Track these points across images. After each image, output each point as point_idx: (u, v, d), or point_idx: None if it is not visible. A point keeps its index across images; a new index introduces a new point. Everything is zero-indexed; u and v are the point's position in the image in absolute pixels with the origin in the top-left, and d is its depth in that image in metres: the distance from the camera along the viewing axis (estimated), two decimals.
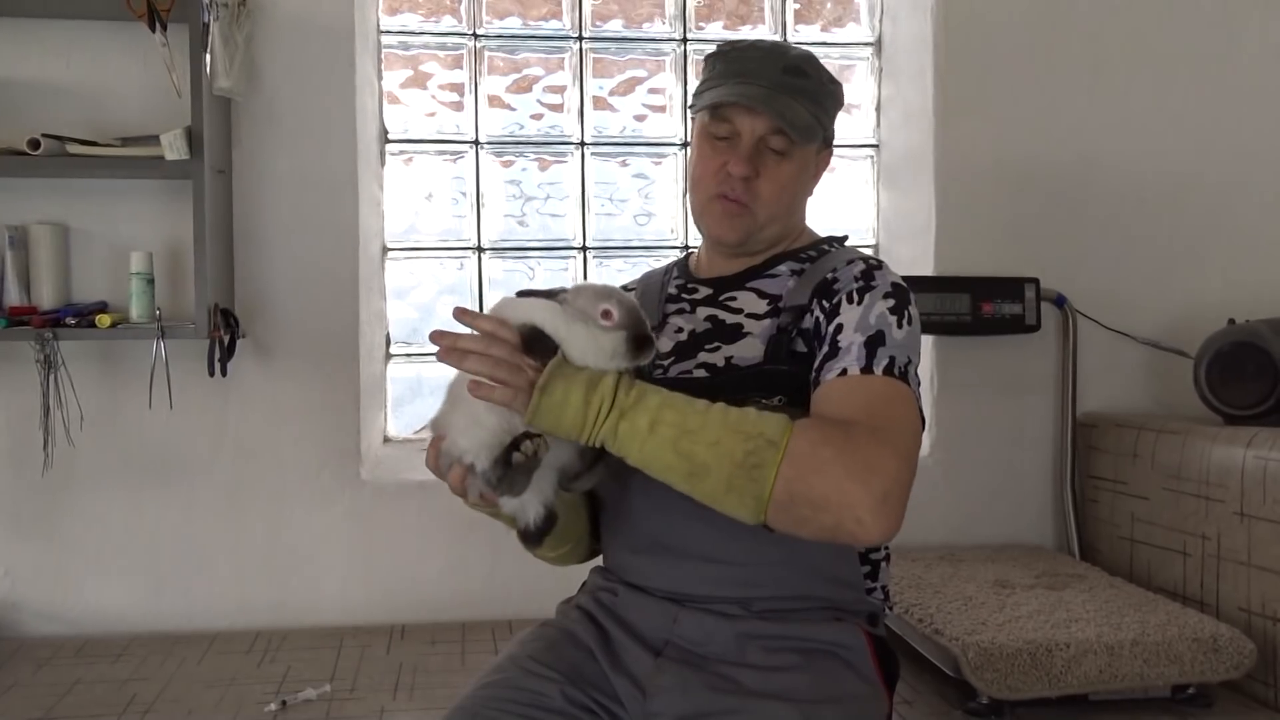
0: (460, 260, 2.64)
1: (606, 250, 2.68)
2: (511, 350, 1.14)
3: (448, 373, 1.23)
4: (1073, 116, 2.54)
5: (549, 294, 1.18)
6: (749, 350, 1.33)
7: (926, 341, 2.51)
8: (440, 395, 1.28)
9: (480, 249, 2.63)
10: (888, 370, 1.21)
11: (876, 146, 2.74)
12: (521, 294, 1.21)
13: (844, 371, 1.21)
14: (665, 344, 1.41)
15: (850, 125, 2.75)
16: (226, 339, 2.19)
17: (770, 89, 1.33)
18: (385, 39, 2.56)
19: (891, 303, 1.27)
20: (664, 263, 1.57)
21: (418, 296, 2.64)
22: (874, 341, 1.23)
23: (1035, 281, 2.46)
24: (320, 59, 2.33)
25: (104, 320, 2.12)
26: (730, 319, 1.37)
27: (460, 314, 1.19)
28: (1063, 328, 2.53)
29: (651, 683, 1.28)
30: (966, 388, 2.53)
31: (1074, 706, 1.79)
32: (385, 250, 2.58)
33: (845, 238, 1.48)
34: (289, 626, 2.31)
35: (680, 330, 1.41)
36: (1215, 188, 2.57)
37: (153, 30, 2.09)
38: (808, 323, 1.30)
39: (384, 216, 2.57)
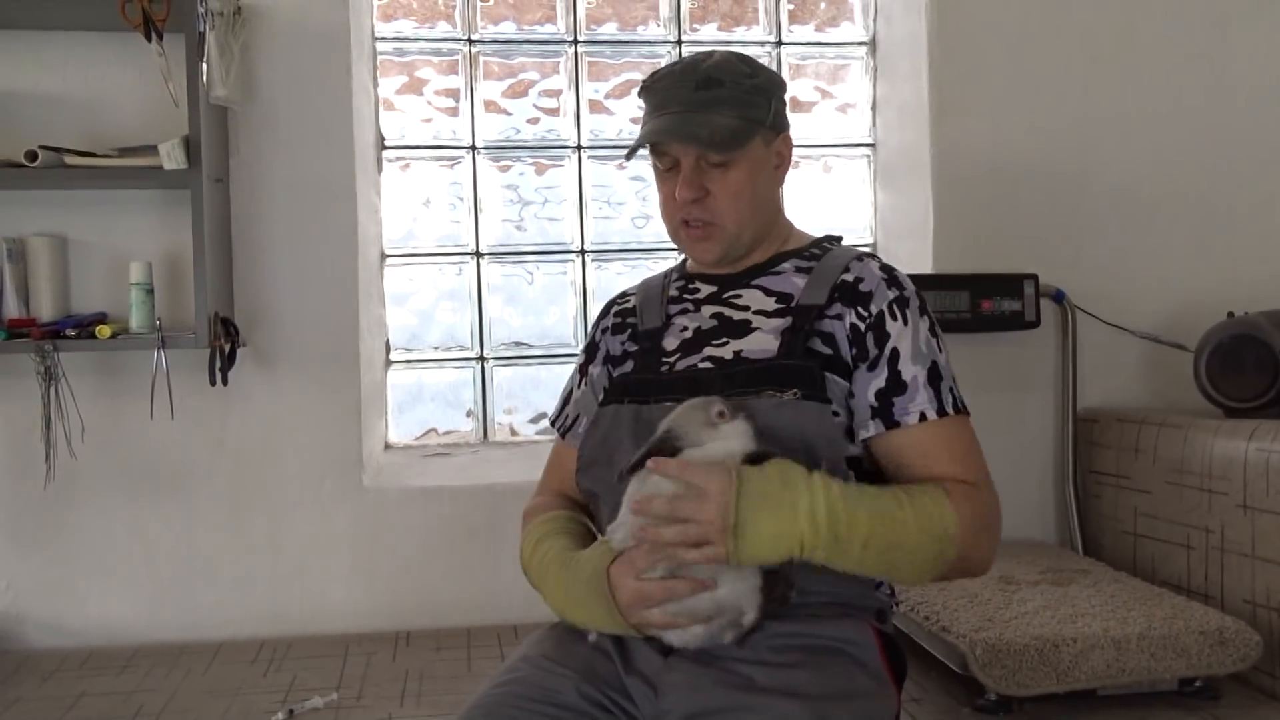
0: (459, 265, 2.64)
1: (605, 253, 2.68)
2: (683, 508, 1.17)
3: (444, 380, 1.23)
4: (1068, 112, 2.54)
5: (662, 444, 1.22)
6: (758, 344, 1.35)
7: None
8: (438, 401, 1.30)
9: (479, 254, 2.63)
10: (956, 406, 1.31)
11: (873, 146, 2.75)
12: (635, 467, 1.22)
13: (923, 416, 1.29)
14: (671, 342, 1.42)
15: (846, 125, 2.75)
16: (227, 348, 2.19)
17: (685, 111, 1.35)
18: (380, 45, 2.56)
19: (927, 321, 1.35)
20: (663, 265, 1.58)
21: (417, 303, 2.64)
22: (934, 376, 1.32)
23: (1034, 278, 2.46)
24: (316, 66, 2.33)
25: (104, 331, 2.12)
26: (737, 315, 1.39)
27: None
28: (1062, 323, 2.53)
29: (662, 680, 1.28)
30: (966, 385, 2.44)
31: (1082, 702, 1.80)
32: (384, 257, 2.58)
33: (840, 238, 1.49)
34: (293, 635, 2.30)
35: (685, 329, 1.42)
36: (1212, 181, 2.58)
37: (149, 40, 2.09)
38: (829, 326, 1.33)
39: (382, 223, 2.57)
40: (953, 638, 1.81)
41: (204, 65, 2.11)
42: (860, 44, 2.73)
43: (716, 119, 1.34)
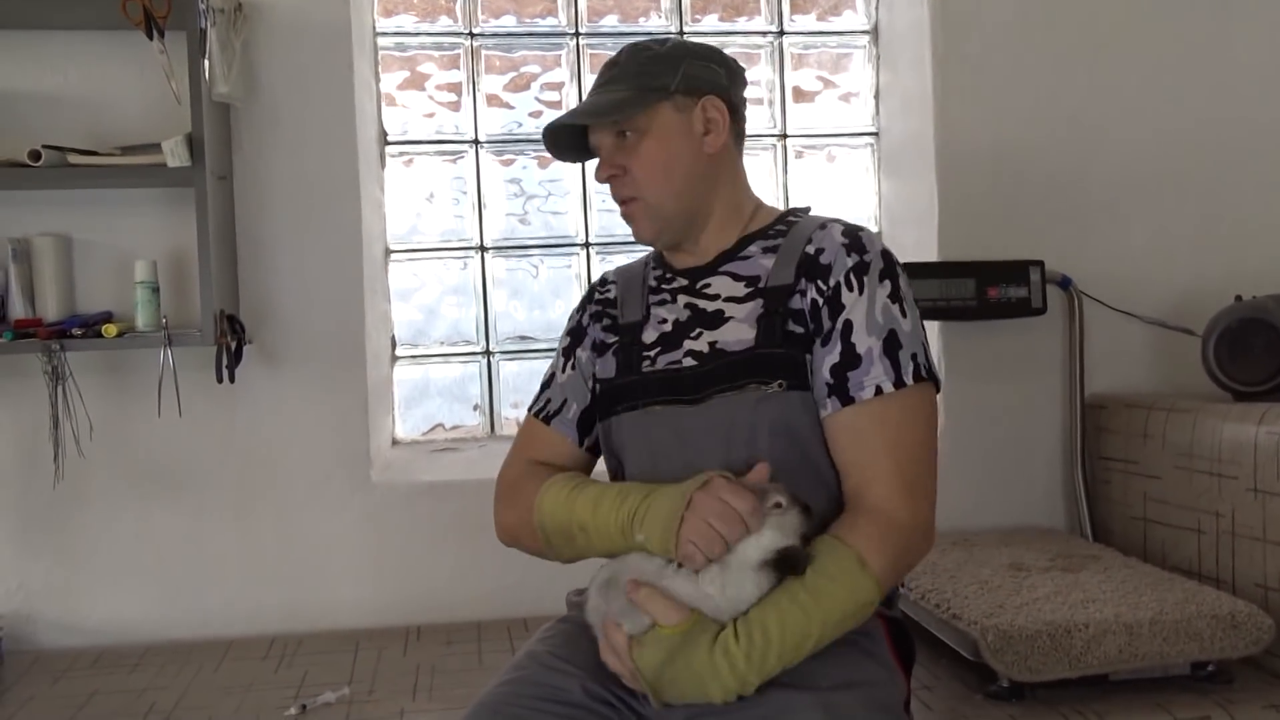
0: (463, 260, 2.63)
1: (609, 246, 2.67)
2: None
3: (450, 375, 1.25)
4: (1073, 98, 2.53)
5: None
6: (734, 334, 1.33)
7: (933, 328, 2.51)
8: (445, 396, 1.30)
9: (483, 248, 2.63)
10: (915, 374, 1.27)
11: (876, 134, 2.74)
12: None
13: (879, 389, 1.25)
14: (650, 335, 1.41)
15: (849, 114, 2.75)
16: (233, 345, 2.19)
17: (584, 100, 1.39)
18: (381, 41, 2.55)
19: (889, 286, 1.30)
20: None
21: (421, 298, 2.63)
22: (891, 345, 1.27)
23: (1040, 264, 2.45)
24: (318, 62, 2.32)
25: (110, 330, 2.12)
26: (710, 306, 1.37)
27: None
28: (1068, 310, 2.53)
29: None
30: (974, 372, 2.53)
31: (1094, 687, 1.79)
32: (388, 252, 2.58)
33: (808, 209, 1.46)
34: (304, 631, 2.30)
35: (664, 321, 1.40)
36: (1217, 165, 2.57)
37: (150, 38, 2.08)
38: (797, 303, 1.31)
39: (386, 218, 2.57)
40: (964, 625, 1.81)
41: (206, 62, 2.11)
42: (862, 32, 2.72)
43: (605, 97, 1.35)
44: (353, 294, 2.36)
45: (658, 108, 1.34)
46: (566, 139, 1.42)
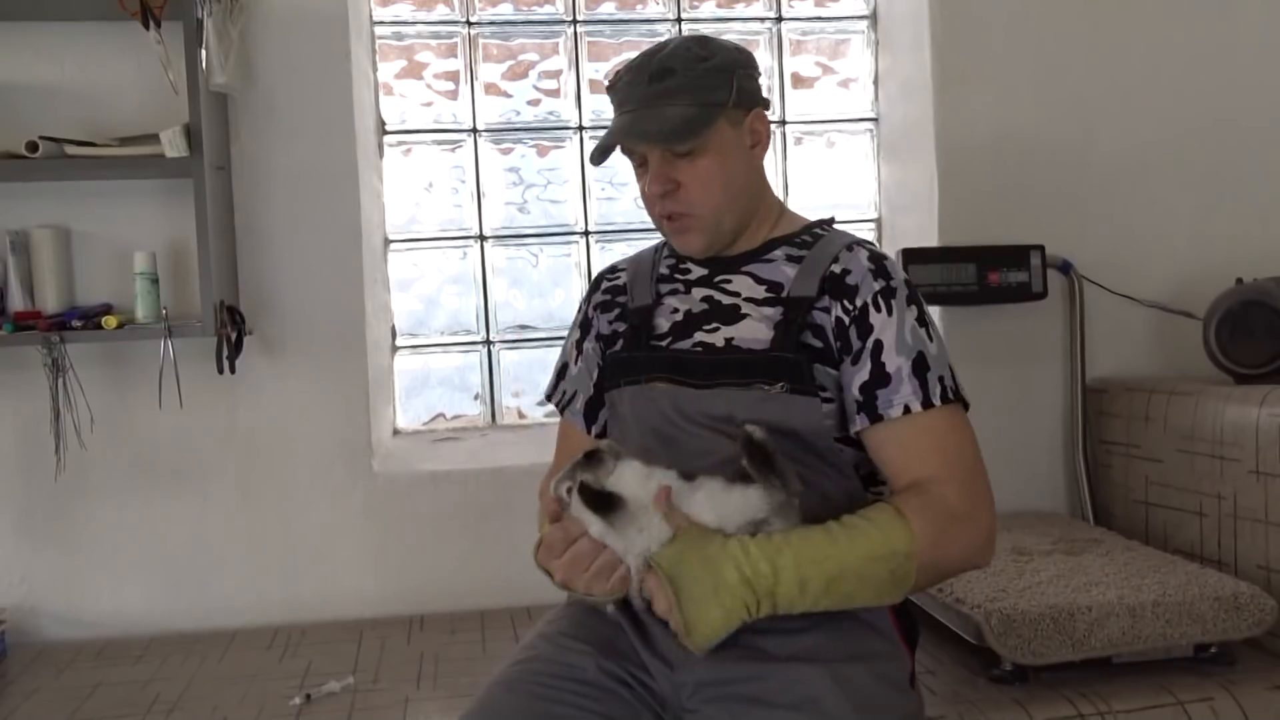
0: (463, 250, 2.63)
1: (608, 234, 2.67)
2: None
3: (451, 364, 1.26)
4: (1072, 81, 2.52)
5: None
6: (749, 332, 1.35)
7: (934, 314, 2.49)
8: (446, 386, 1.32)
9: (482, 237, 2.62)
10: (943, 396, 1.30)
11: (875, 120, 2.73)
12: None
13: (907, 409, 1.28)
14: (662, 324, 1.42)
15: (848, 100, 2.74)
16: (233, 336, 2.19)
17: (640, 109, 1.34)
18: (379, 29, 2.54)
19: (915, 310, 1.34)
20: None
21: (421, 288, 2.63)
22: (919, 366, 1.30)
23: (1040, 249, 2.45)
24: (315, 51, 2.31)
25: (110, 321, 2.12)
26: (727, 300, 1.38)
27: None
28: (1069, 294, 2.52)
29: (677, 654, 1.29)
30: (975, 357, 2.50)
31: (1097, 669, 1.79)
32: (387, 242, 2.57)
33: (832, 219, 1.48)
34: (307, 621, 2.30)
35: (676, 311, 1.42)
36: (1217, 148, 2.56)
37: (146, 28, 2.07)
38: (819, 319, 1.33)
39: (384, 208, 2.56)
40: (967, 609, 1.81)
41: (203, 52, 2.10)
42: (861, 17, 2.71)
43: (670, 110, 1.31)
44: (352, 284, 2.35)
45: (717, 123, 1.34)
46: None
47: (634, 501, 1.21)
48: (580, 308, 1.57)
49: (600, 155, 1.38)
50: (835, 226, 1.47)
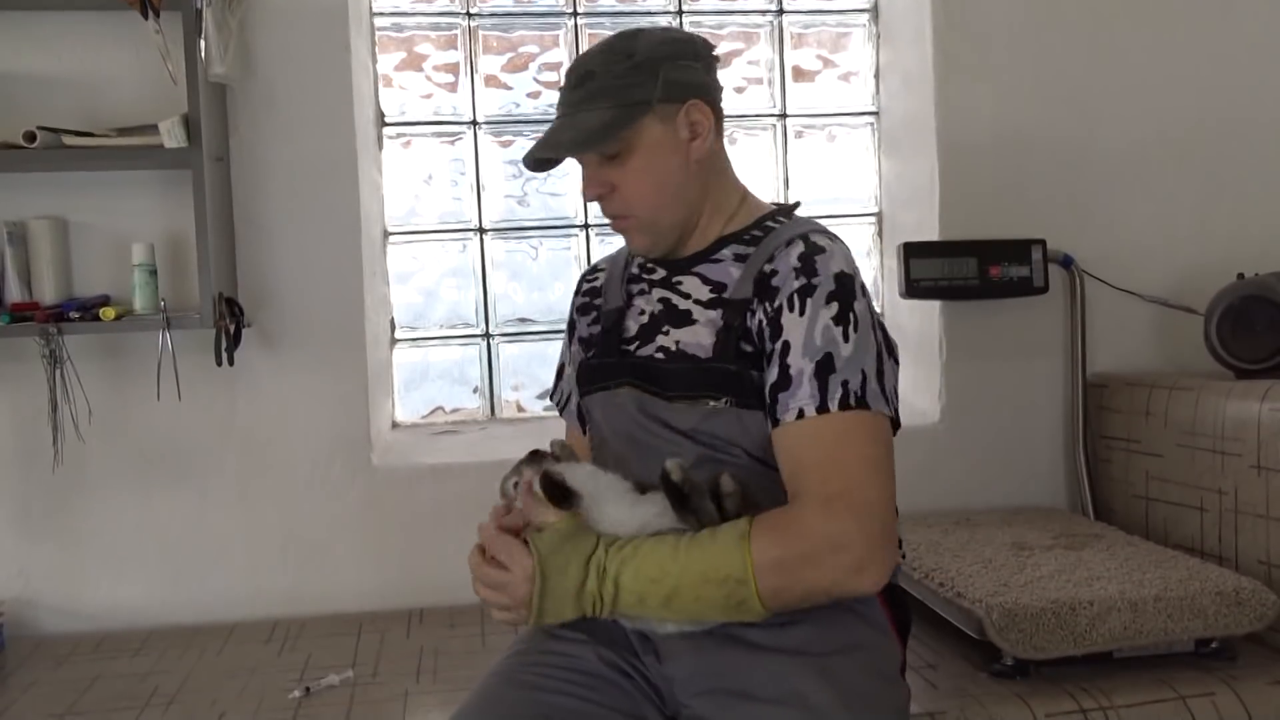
0: (462, 242, 2.62)
1: (608, 227, 2.64)
2: (492, 577, 1.26)
3: (450, 357, 1.27)
4: (1073, 75, 2.52)
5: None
6: (695, 337, 1.33)
7: (934, 307, 2.51)
8: (445, 379, 1.33)
9: (482, 230, 2.61)
10: (843, 402, 1.21)
11: (876, 113, 2.72)
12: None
13: (801, 413, 1.21)
14: (631, 326, 1.41)
15: (849, 93, 2.73)
16: (232, 328, 2.18)
17: (563, 115, 1.31)
18: (378, 21, 2.53)
19: (835, 309, 1.24)
20: None
21: (420, 281, 2.62)
22: (824, 368, 1.22)
23: (1042, 243, 2.44)
24: (314, 43, 2.30)
25: (108, 313, 2.10)
26: (681, 304, 1.36)
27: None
28: (1070, 289, 2.52)
29: (665, 646, 1.30)
30: (975, 352, 2.52)
31: (1098, 664, 1.79)
32: (386, 234, 2.56)
33: (796, 205, 1.43)
34: (306, 615, 2.30)
35: (643, 312, 1.40)
36: (1219, 143, 2.56)
37: (145, 17, 2.05)
38: (751, 322, 1.29)
39: (384, 200, 2.55)
40: (968, 603, 1.81)
41: (202, 42, 2.09)
42: (862, 10, 2.70)
43: (588, 115, 1.28)
44: (352, 276, 2.34)
45: (642, 123, 1.29)
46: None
47: (589, 497, 1.24)
48: (570, 307, 1.57)
49: (534, 166, 1.37)
50: (796, 214, 1.41)
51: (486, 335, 2.62)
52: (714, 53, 1.38)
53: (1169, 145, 2.55)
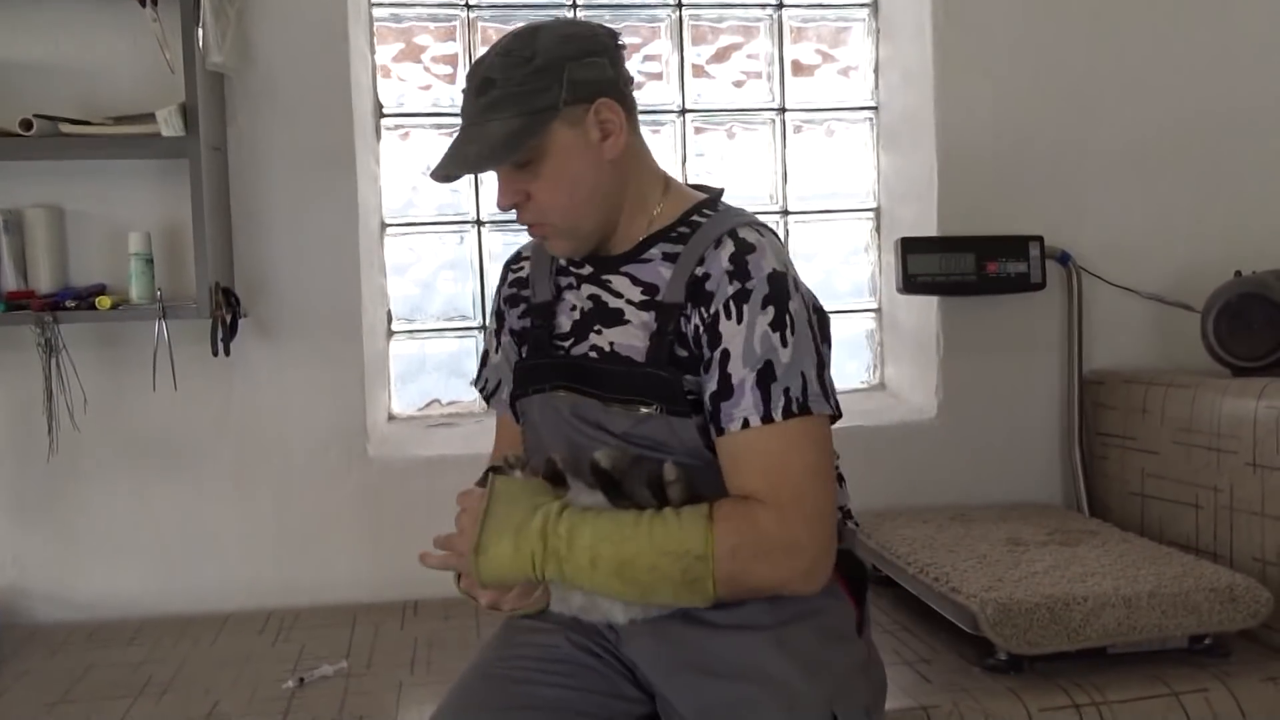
0: (460, 234, 2.62)
1: None
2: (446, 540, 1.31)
3: (446, 349, 1.26)
4: (1073, 72, 2.52)
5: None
6: (627, 338, 1.31)
7: (931, 303, 2.51)
8: (441, 371, 1.33)
9: (479, 222, 2.61)
10: (786, 410, 1.21)
11: (875, 108, 2.72)
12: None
13: (746, 423, 1.21)
14: (564, 322, 1.38)
15: (848, 88, 2.73)
16: (228, 318, 2.17)
17: (467, 126, 1.27)
18: (377, 12, 2.52)
19: (771, 314, 1.23)
20: None
21: (418, 272, 2.62)
22: (765, 376, 1.21)
23: (1039, 239, 2.44)
24: (313, 32, 2.29)
25: (104, 302, 2.10)
26: (612, 302, 1.34)
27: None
28: (1067, 285, 2.52)
29: (624, 628, 1.32)
30: (972, 348, 2.52)
31: (1092, 659, 1.80)
32: (384, 226, 2.55)
33: (720, 191, 1.39)
34: (300, 606, 2.30)
35: (574, 308, 1.38)
36: (1217, 140, 2.56)
37: (143, 5, 2.05)
38: (685, 327, 1.27)
39: (381, 192, 2.54)
40: (963, 598, 1.81)
41: (200, 31, 2.08)
42: (862, 5, 2.70)
43: (490, 128, 1.23)
44: (349, 268, 2.34)
45: (550, 129, 1.24)
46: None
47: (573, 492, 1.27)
48: (494, 297, 1.53)
49: (443, 180, 1.32)
50: (722, 203, 1.37)
51: (483, 328, 2.62)
52: (618, 42, 1.32)
53: (1167, 142, 2.55)
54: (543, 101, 1.23)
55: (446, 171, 1.29)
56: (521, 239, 2.60)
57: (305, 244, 2.31)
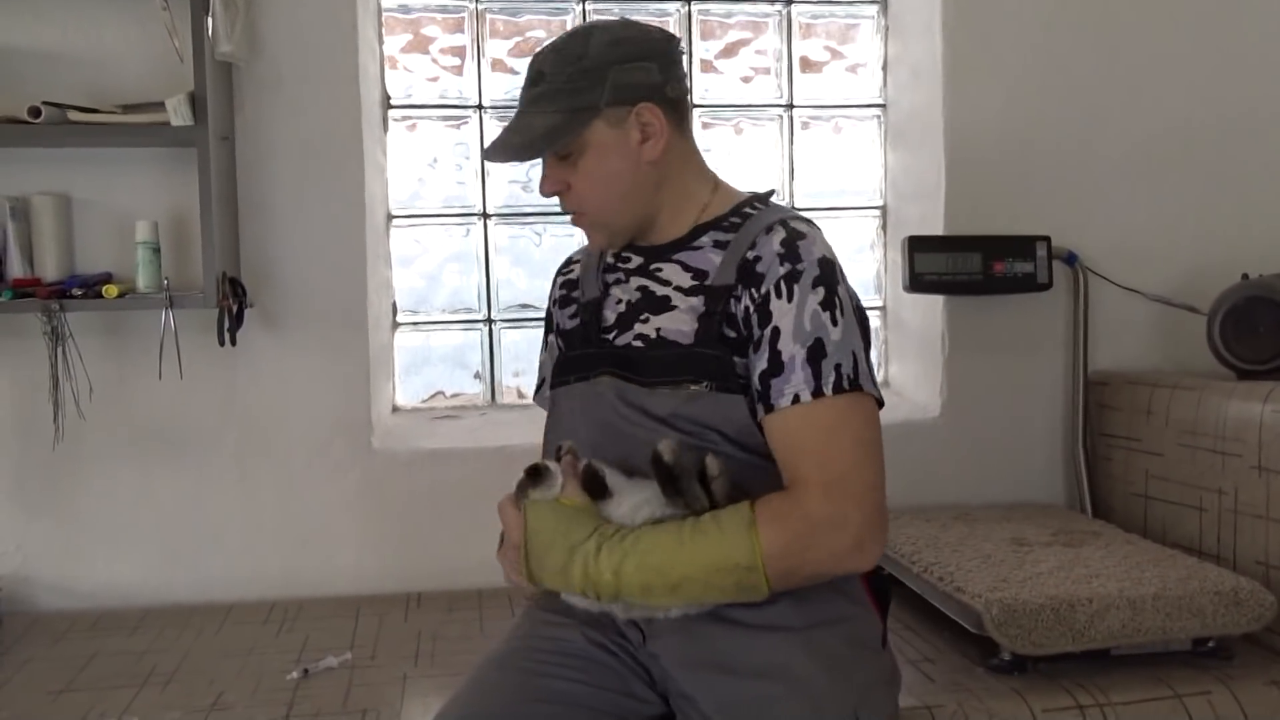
0: (465, 226, 2.61)
1: None
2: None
3: (451, 342, 1.27)
4: (1081, 72, 2.51)
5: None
6: (675, 323, 1.33)
7: (936, 302, 2.51)
8: (446, 364, 1.34)
9: (485, 215, 2.60)
10: (837, 386, 1.23)
11: (883, 106, 2.72)
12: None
13: (796, 398, 1.23)
14: (610, 315, 1.41)
15: (856, 85, 2.72)
16: (235, 308, 2.17)
17: (518, 114, 1.33)
18: (385, 2, 2.51)
19: (821, 294, 1.26)
20: None
21: (423, 264, 2.61)
22: (815, 353, 1.24)
23: (1046, 240, 2.44)
24: (321, 22, 2.29)
25: (111, 291, 2.10)
26: (660, 290, 1.37)
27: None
28: (1074, 286, 2.52)
29: (649, 626, 1.32)
30: (978, 347, 2.52)
31: (1095, 661, 1.80)
32: (390, 217, 2.55)
33: (770, 193, 1.43)
34: (304, 596, 2.30)
35: (620, 301, 1.41)
36: (1225, 142, 2.56)
37: None
38: (735, 308, 1.30)
39: (388, 183, 2.54)
40: (967, 598, 1.81)
41: (209, 20, 2.08)
42: (871, 2, 2.69)
43: (535, 120, 1.29)
44: (355, 259, 2.34)
45: (591, 126, 1.29)
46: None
47: (615, 494, 1.27)
48: (547, 300, 1.60)
49: (491, 161, 1.41)
50: (772, 201, 1.42)
51: (488, 320, 2.62)
52: (673, 47, 1.36)
53: (1175, 144, 2.54)
54: (585, 101, 1.28)
55: (491, 157, 1.35)
56: (527, 234, 2.63)
57: (311, 235, 2.31)
